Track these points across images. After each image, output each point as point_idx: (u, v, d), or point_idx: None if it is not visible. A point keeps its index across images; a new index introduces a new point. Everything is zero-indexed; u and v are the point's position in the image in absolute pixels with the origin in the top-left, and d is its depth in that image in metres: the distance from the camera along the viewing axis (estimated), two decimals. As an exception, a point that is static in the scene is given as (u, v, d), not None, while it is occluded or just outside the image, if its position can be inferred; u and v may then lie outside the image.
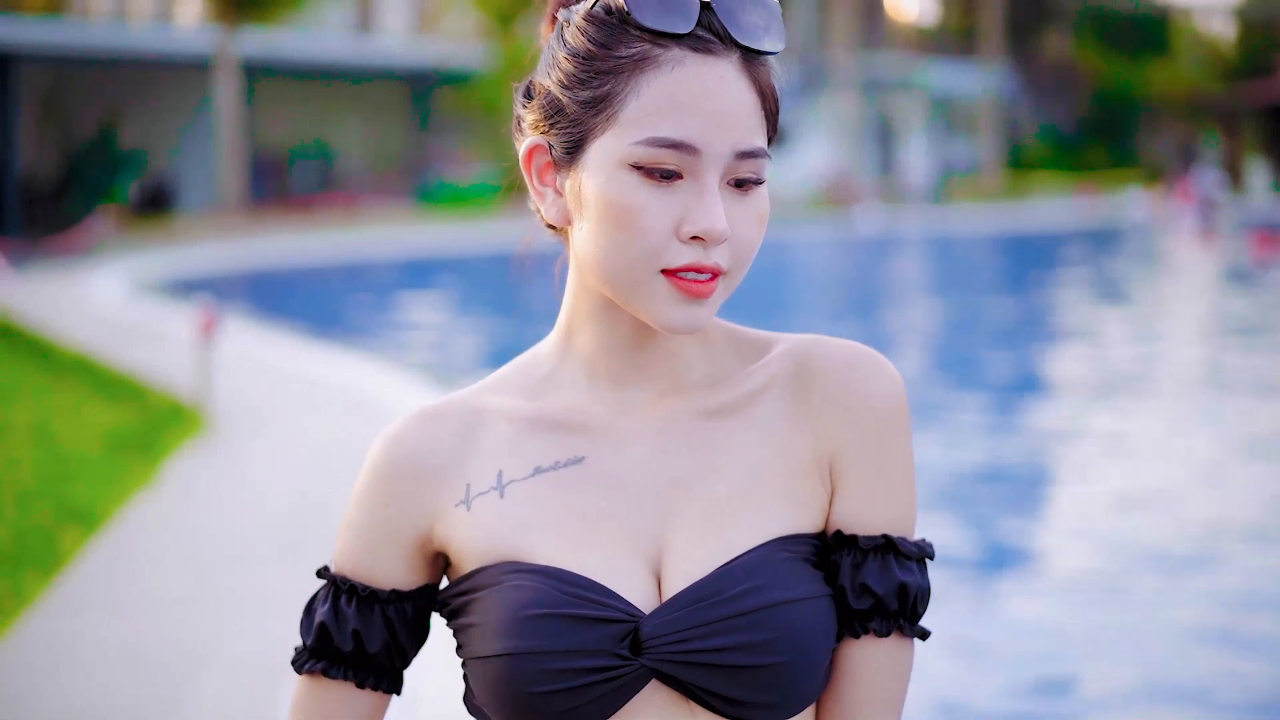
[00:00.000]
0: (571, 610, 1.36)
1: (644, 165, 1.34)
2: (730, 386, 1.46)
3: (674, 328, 1.37)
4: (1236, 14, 55.50)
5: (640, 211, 1.34)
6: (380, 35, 38.26)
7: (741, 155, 1.36)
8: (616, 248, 1.36)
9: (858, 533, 1.43)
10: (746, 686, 1.37)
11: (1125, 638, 5.97)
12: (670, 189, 1.35)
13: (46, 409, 9.95)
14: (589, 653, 1.36)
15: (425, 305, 18.79)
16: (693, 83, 1.34)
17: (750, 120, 1.37)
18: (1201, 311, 18.74)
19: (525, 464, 1.44)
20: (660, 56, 1.35)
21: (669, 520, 1.42)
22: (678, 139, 1.34)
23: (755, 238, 1.40)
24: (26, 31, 27.70)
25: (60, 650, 5.17)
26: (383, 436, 1.49)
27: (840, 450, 1.44)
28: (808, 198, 38.68)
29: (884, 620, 1.43)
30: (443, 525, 1.45)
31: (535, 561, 1.40)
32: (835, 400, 1.44)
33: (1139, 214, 36.11)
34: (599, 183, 1.36)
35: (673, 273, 1.35)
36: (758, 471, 1.43)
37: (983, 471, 9.02)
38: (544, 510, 1.42)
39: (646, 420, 1.45)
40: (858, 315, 18.51)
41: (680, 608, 1.37)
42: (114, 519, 7.03)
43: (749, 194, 1.39)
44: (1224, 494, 8.27)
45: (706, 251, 1.35)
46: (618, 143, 1.35)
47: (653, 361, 1.45)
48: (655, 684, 1.38)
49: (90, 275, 19.95)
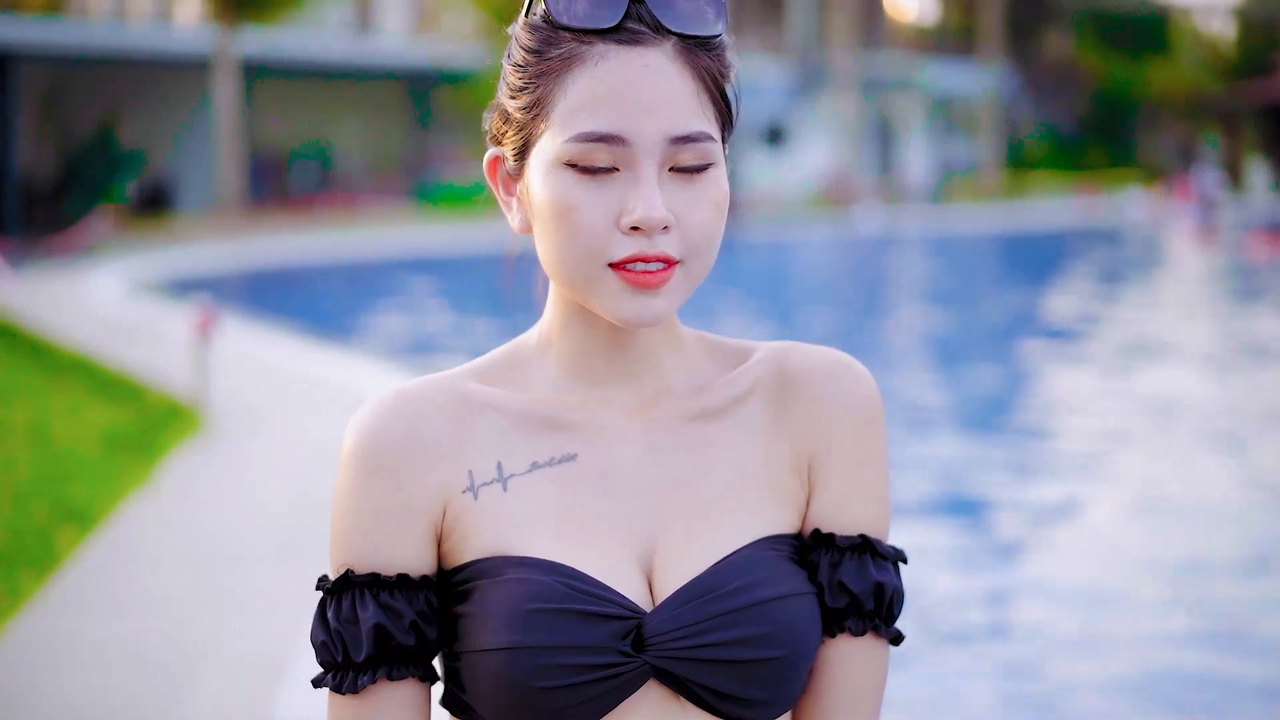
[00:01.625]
0: (576, 606, 1.36)
1: (575, 162, 1.35)
2: (714, 391, 1.48)
3: (630, 321, 1.37)
4: (1236, 13, 55.49)
5: (576, 208, 1.35)
6: (379, 35, 38.25)
7: (676, 141, 1.35)
8: (561, 246, 1.37)
9: (835, 531, 1.46)
10: (744, 681, 1.38)
11: (1118, 646, 5.96)
12: (606, 183, 1.35)
13: (44, 409, 9.94)
14: (593, 649, 1.36)
15: (425, 305, 18.77)
16: (616, 75, 1.35)
17: (685, 106, 1.36)
18: (1201, 310, 18.71)
19: (523, 458, 1.43)
20: (585, 53, 1.36)
21: (659, 521, 1.43)
22: (603, 131, 1.34)
23: (708, 223, 1.38)
24: (25, 31, 27.68)
25: (57, 650, 5.15)
26: (364, 423, 1.42)
27: (818, 451, 1.47)
28: (807, 197, 38.68)
29: (860, 619, 1.45)
30: (451, 511, 1.42)
31: (534, 555, 1.39)
32: (814, 404, 1.47)
33: (1139, 214, 36.13)
34: (539, 184, 1.38)
35: (619, 265, 1.35)
36: (744, 473, 1.46)
37: (981, 470, 9.00)
38: (542, 506, 1.42)
39: (634, 422, 1.46)
40: (857, 315, 18.50)
41: (679, 605, 1.38)
42: (110, 518, 7.02)
43: (697, 179, 1.37)
44: (1224, 493, 8.25)
45: (650, 241, 1.35)
46: (552, 143, 1.37)
47: (632, 363, 1.45)
48: (650, 682, 1.39)
49: (89, 275, 19.94)
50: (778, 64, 42.19)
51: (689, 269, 1.38)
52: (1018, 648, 5.95)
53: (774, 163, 40.71)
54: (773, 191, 38.42)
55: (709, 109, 1.38)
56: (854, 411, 1.48)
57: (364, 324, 16.59)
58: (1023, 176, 47.07)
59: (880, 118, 44.56)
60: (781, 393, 1.48)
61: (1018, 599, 6.65)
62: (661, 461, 1.44)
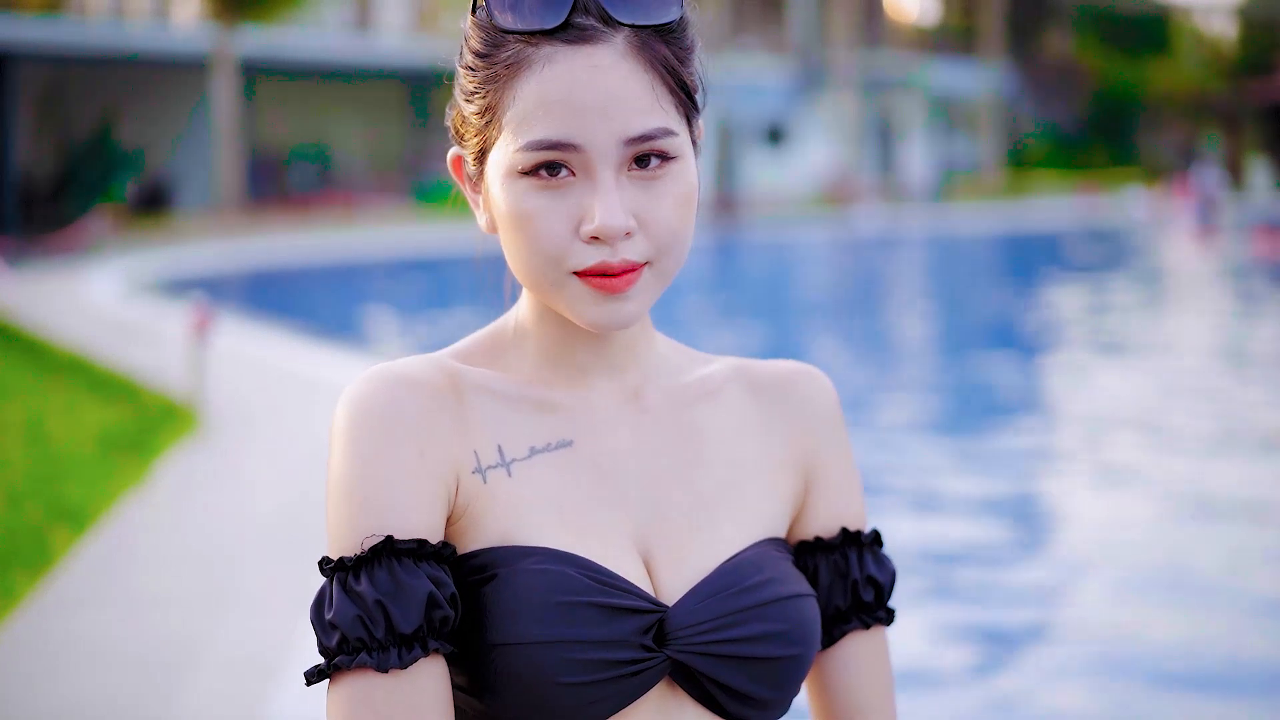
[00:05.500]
0: (599, 599, 1.32)
1: (529, 170, 1.30)
2: (694, 385, 1.47)
3: (600, 326, 1.33)
4: (1237, 13, 55.51)
5: (533, 217, 1.30)
6: (379, 34, 38.23)
7: (632, 141, 1.30)
8: (522, 255, 1.33)
9: (860, 528, 1.51)
10: (758, 680, 1.37)
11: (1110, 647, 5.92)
12: (563, 190, 1.30)
13: (40, 408, 9.92)
14: (617, 643, 1.31)
15: (423, 304, 18.75)
16: (563, 78, 1.29)
17: (641, 102, 1.30)
18: (1200, 309, 18.69)
19: (521, 443, 1.38)
20: (532, 56, 1.30)
21: (657, 510, 1.40)
22: (553, 139, 1.29)
23: (675, 221, 1.32)
24: (24, 30, 27.66)
25: (51, 649, 5.13)
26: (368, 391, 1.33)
27: (812, 455, 1.49)
28: (808, 197, 38.67)
29: (884, 609, 1.50)
30: (463, 490, 1.35)
31: (548, 545, 1.34)
32: (793, 408, 1.49)
33: (1140, 213, 36.13)
34: (498, 192, 1.34)
35: (583, 274, 1.31)
36: (739, 465, 1.45)
37: (977, 470, 8.97)
38: (545, 493, 1.37)
39: (622, 410, 1.42)
40: (858, 314, 18.48)
41: (702, 598, 1.36)
42: (105, 518, 6.98)
43: (659, 177, 1.32)
44: (1223, 493, 8.22)
45: (613, 249, 1.30)
46: (505, 151, 1.32)
47: (617, 354, 1.42)
48: (659, 683, 1.35)
49: (87, 274, 19.92)
50: (778, 64, 42.21)
51: (658, 268, 1.33)
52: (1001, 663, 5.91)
53: (774, 162, 40.71)
54: (773, 191, 38.42)
55: (667, 100, 1.32)
56: (828, 414, 1.51)
57: (362, 323, 16.56)
58: (1023, 176, 47.08)
59: (881, 117, 44.58)
60: (757, 396, 1.49)
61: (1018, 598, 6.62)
62: (654, 450, 1.42)
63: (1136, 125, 53.31)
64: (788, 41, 43.95)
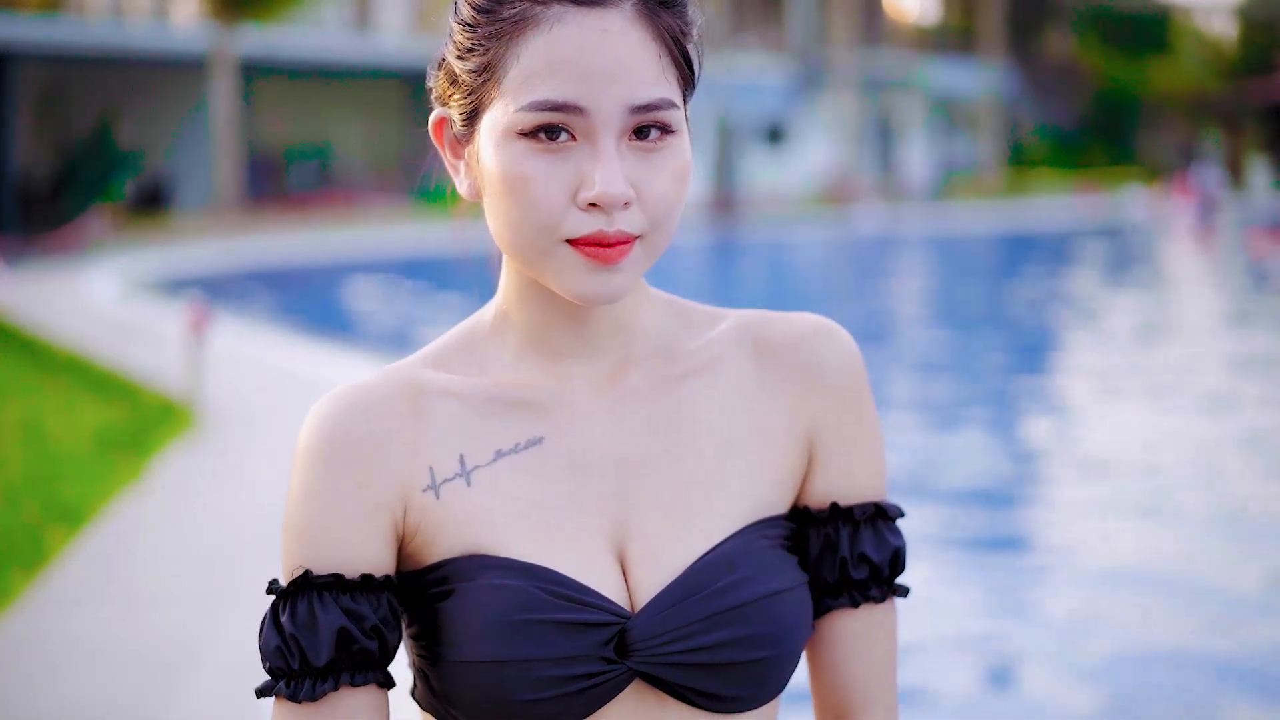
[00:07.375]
0: (558, 615, 1.29)
1: (529, 132, 1.27)
2: (686, 356, 1.41)
3: (589, 298, 1.29)
4: (1238, 13, 55.52)
5: (531, 181, 1.27)
6: (378, 33, 38.21)
7: (637, 110, 1.27)
8: (513, 220, 1.29)
9: (851, 502, 1.42)
10: (730, 682, 1.33)
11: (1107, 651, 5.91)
12: (563, 154, 1.27)
13: (37, 407, 9.91)
14: (576, 659, 1.29)
15: (423, 304, 18.74)
16: (572, 39, 1.26)
17: (646, 72, 1.27)
18: (1200, 308, 18.69)
19: (485, 447, 1.35)
20: (539, 15, 1.27)
21: (634, 500, 1.36)
22: (558, 100, 1.26)
23: (670, 194, 1.30)
24: (23, 30, 27.65)
25: (47, 648, 5.11)
26: (322, 417, 1.33)
27: (817, 422, 1.42)
28: (808, 196, 38.66)
29: (880, 587, 1.43)
30: (413, 511, 1.34)
31: (509, 556, 1.32)
32: (801, 371, 1.41)
33: (1139, 212, 36.13)
34: (491, 154, 1.30)
35: (576, 242, 1.28)
36: (728, 446, 1.39)
37: (976, 470, 8.96)
38: (509, 499, 1.34)
39: (602, 395, 1.38)
40: (857, 314, 18.46)
41: (665, 607, 1.32)
42: (102, 516, 6.97)
43: (658, 149, 1.29)
44: (1220, 494, 8.21)
45: (609, 219, 1.27)
46: (504, 111, 1.28)
47: (597, 334, 1.38)
48: (635, 683, 1.33)
49: (86, 273, 19.92)
50: (778, 63, 42.21)
51: (649, 242, 1.30)
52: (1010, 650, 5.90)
53: (774, 162, 40.71)
54: (772, 190, 38.41)
55: (671, 72, 1.30)
56: (844, 375, 1.42)
57: (361, 323, 16.55)
58: (1023, 175, 47.09)
59: (880, 117, 44.59)
60: (763, 360, 1.41)
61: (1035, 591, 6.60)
62: (633, 438, 1.37)
63: (1136, 125, 53.32)
64: (787, 41, 43.95)
